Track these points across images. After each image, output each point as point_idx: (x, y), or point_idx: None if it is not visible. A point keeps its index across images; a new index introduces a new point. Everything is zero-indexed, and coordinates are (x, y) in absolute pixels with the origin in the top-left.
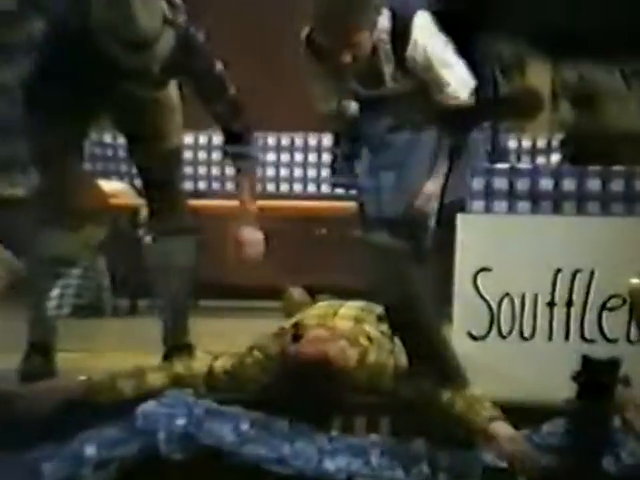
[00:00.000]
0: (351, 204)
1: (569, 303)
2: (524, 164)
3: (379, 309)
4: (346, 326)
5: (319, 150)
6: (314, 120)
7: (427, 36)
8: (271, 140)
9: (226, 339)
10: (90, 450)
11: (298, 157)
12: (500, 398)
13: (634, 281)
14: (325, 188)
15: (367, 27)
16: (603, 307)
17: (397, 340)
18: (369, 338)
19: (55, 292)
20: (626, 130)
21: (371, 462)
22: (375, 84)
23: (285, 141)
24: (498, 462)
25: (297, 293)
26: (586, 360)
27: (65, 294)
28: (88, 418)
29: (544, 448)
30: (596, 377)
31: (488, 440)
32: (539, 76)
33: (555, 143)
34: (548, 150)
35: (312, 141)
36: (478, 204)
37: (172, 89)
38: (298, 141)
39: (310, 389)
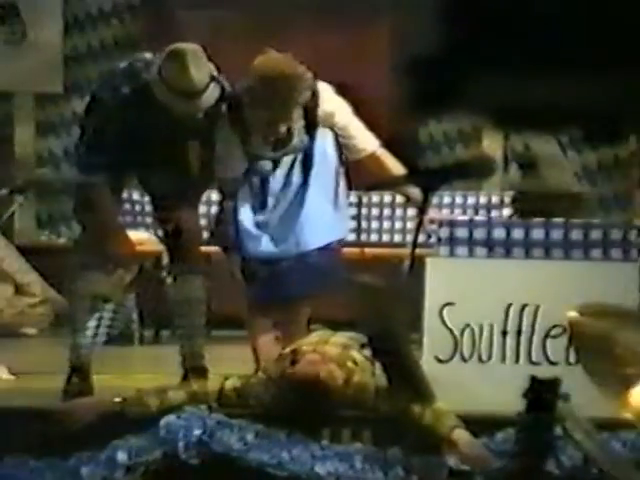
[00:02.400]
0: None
1: (519, 332)
2: (481, 217)
3: (363, 338)
4: (335, 352)
5: None
6: None
7: (334, 101)
8: None
9: (235, 363)
10: (121, 456)
11: None
12: (462, 411)
13: (572, 314)
14: None
15: (302, 102)
16: (547, 335)
17: (378, 364)
18: (355, 362)
19: (92, 324)
20: (564, 190)
21: (355, 466)
22: (283, 145)
23: None
24: (460, 465)
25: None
26: (533, 380)
27: (100, 325)
28: (119, 429)
29: (498, 453)
30: (541, 394)
31: (452, 446)
32: (492, 144)
33: (507, 199)
34: (501, 205)
35: None
36: (444, 249)
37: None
38: None
39: (304, 404)
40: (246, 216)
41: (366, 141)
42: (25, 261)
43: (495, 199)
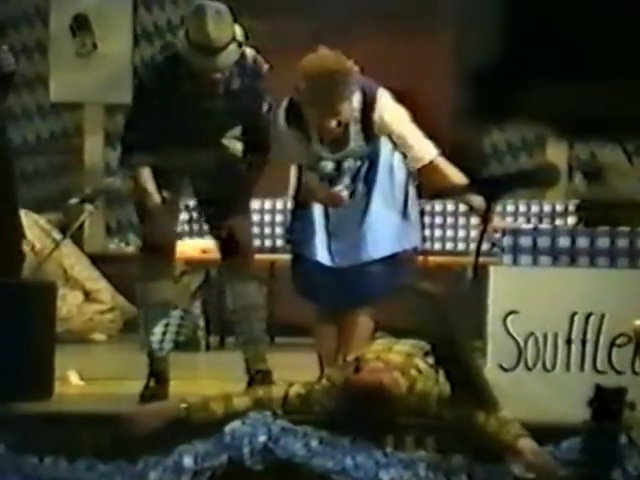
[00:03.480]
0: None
1: (584, 341)
2: (545, 225)
3: (427, 346)
4: (399, 360)
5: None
6: None
7: (392, 109)
8: None
9: (298, 370)
10: (188, 461)
11: None
12: (527, 419)
13: (638, 322)
14: None
15: (349, 97)
16: (612, 344)
17: (441, 372)
18: (418, 370)
19: (158, 330)
20: (629, 198)
21: (419, 474)
22: (340, 147)
23: None
24: (525, 474)
25: None
26: (598, 388)
27: (167, 332)
28: (186, 434)
29: (563, 462)
30: (607, 403)
31: (517, 455)
32: (557, 153)
33: (571, 208)
34: (565, 213)
35: None
36: (508, 257)
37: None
38: None
39: (368, 412)
40: (317, 223)
41: (424, 150)
42: (95, 269)
43: (559, 207)
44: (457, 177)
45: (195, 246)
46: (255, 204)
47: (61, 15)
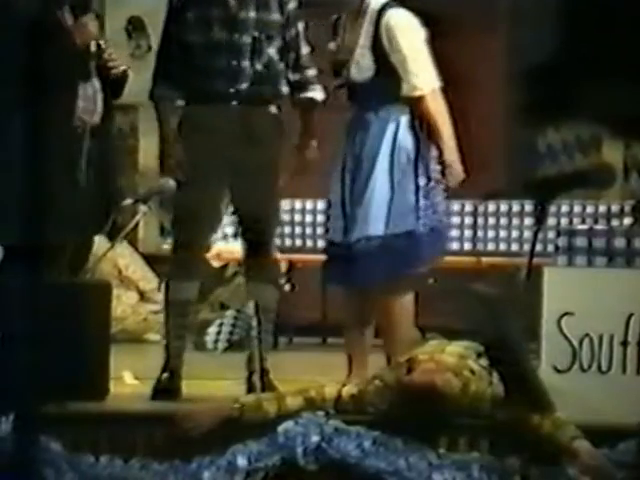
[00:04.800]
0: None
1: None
2: (601, 226)
3: (480, 347)
4: (452, 361)
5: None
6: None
7: (403, 27)
8: None
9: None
10: (241, 461)
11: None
12: (582, 421)
13: None
14: None
15: None
16: None
17: (495, 373)
18: (472, 371)
19: (213, 330)
20: None
21: (473, 475)
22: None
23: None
24: (581, 476)
25: None
26: None
27: (222, 332)
28: (239, 434)
29: (619, 464)
30: None
31: (572, 457)
32: (613, 153)
33: (627, 208)
34: (621, 214)
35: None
36: (562, 258)
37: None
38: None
39: (421, 412)
40: (334, 204)
41: (422, 80)
42: (149, 269)
43: (615, 208)
44: (441, 117)
45: None
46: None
47: (116, 17)
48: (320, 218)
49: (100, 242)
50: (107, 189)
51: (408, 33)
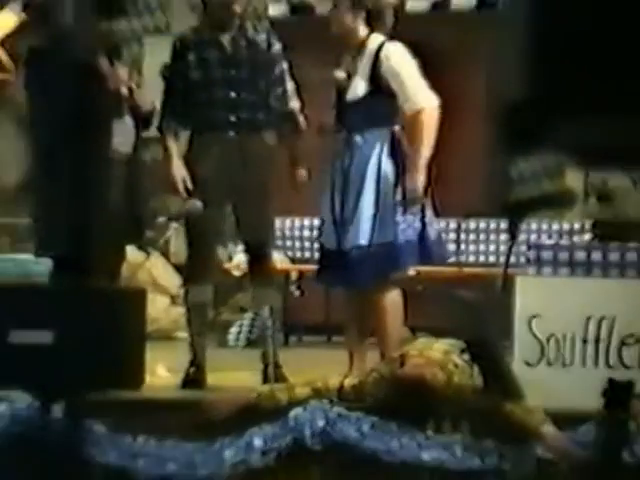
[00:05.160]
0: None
1: (597, 340)
2: (564, 241)
3: (462, 344)
4: (438, 356)
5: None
6: None
7: (400, 56)
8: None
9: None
10: (257, 442)
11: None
12: (548, 408)
13: None
14: None
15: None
16: (622, 343)
17: (475, 367)
18: (455, 365)
19: (234, 330)
20: (635, 218)
21: (456, 454)
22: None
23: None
24: (547, 454)
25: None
26: (610, 382)
27: (242, 331)
28: (256, 419)
29: (580, 444)
30: (617, 394)
31: (540, 438)
32: (574, 180)
33: (587, 226)
34: (581, 231)
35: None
36: (532, 269)
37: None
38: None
39: (412, 401)
40: (325, 212)
41: (421, 96)
42: (179, 277)
43: (577, 226)
44: (427, 136)
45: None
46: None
47: (153, 63)
48: None
49: (136, 254)
50: (139, 209)
51: (405, 60)
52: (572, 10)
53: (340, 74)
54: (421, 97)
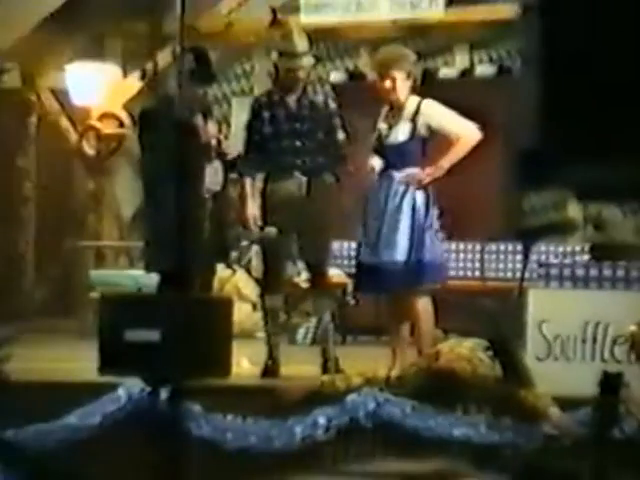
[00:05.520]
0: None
1: (594, 340)
2: (567, 260)
3: (486, 343)
4: (466, 353)
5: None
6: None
7: (437, 106)
8: None
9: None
10: (321, 420)
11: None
12: (554, 394)
13: (632, 328)
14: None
15: (407, 70)
16: (614, 343)
17: (497, 361)
18: (480, 360)
19: (302, 331)
20: (623, 241)
21: (480, 431)
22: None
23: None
24: (553, 431)
25: None
26: (604, 373)
27: (308, 332)
28: (320, 402)
29: (580, 423)
30: (610, 382)
31: (547, 418)
32: (575, 211)
33: (586, 248)
34: (582, 252)
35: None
36: (541, 283)
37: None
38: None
39: (444, 388)
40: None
41: (463, 127)
42: (259, 289)
43: (577, 248)
44: (454, 155)
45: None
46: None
47: (240, 119)
48: None
49: (224, 271)
50: (226, 234)
51: (442, 108)
52: (574, 76)
53: (383, 127)
54: (466, 128)
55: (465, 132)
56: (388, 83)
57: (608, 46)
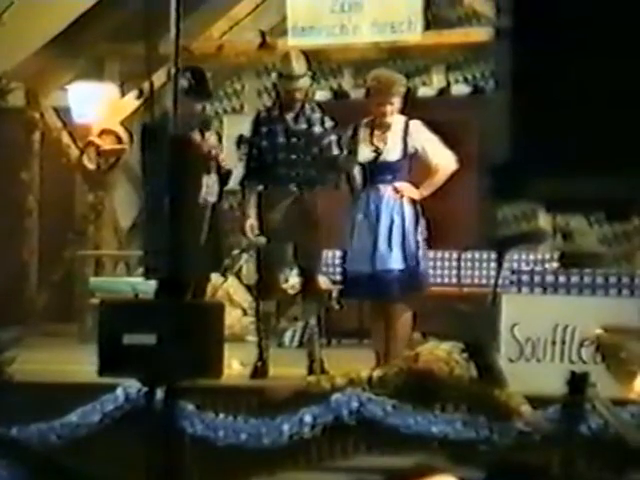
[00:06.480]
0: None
1: (563, 343)
2: (538, 268)
3: (462, 345)
4: (443, 355)
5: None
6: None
7: (424, 131)
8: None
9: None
10: (308, 418)
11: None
12: (526, 393)
13: (598, 331)
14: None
15: (400, 94)
16: (581, 345)
17: (472, 363)
18: (456, 361)
19: (289, 334)
20: (590, 250)
21: (457, 428)
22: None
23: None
24: (525, 428)
25: None
26: (572, 373)
27: (295, 335)
28: (306, 401)
29: (550, 420)
30: (577, 382)
31: (519, 416)
32: (546, 221)
33: (555, 256)
34: (551, 260)
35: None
36: (514, 289)
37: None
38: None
39: (423, 388)
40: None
41: (442, 157)
42: (250, 294)
43: (547, 256)
44: (432, 184)
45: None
46: None
47: (232, 134)
48: None
49: (217, 277)
50: (220, 244)
51: (428, 134)
52: (542, 96)
53: (376, 140)
54: (445, 158)
55: (444, 163)
56: (388, 108)
57: (575, 67)
